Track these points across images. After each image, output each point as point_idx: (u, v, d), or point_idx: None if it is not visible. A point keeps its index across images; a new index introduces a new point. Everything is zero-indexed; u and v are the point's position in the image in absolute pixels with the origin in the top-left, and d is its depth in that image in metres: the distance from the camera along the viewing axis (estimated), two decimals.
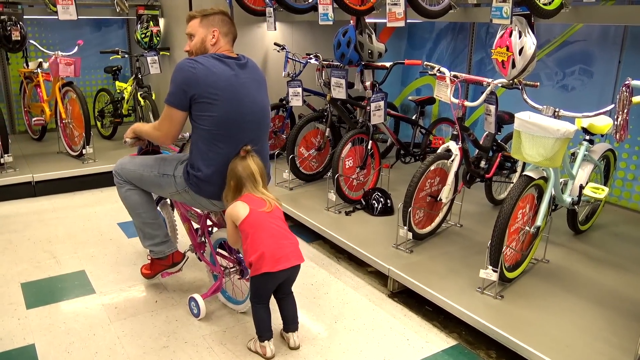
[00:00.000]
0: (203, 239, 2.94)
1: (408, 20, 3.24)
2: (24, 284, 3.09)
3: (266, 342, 2.49)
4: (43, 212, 4.17)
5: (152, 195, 2.90)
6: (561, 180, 3.14)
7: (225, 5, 4.98)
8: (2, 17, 4.59)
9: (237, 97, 2.53)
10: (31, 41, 4.97)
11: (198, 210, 2.94)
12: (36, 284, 3.10)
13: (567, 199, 3.15)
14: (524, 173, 2.77)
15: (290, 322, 2.57)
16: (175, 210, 3.15)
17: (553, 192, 2.88)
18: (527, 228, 2.88)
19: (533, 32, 2.77)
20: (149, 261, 3.03)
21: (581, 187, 3.13)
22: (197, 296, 2.79)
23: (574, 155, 3.30)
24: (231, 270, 2.82)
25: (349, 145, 3.86)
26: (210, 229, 2.96)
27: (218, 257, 2.85)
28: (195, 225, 2.97)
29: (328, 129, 4.37)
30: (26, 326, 2.69)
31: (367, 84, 4.00)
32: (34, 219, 4.02)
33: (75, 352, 2.50)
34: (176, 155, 2.85)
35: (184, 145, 3.13)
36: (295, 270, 2.46)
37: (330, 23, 3.85)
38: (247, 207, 2.39)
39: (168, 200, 3.19)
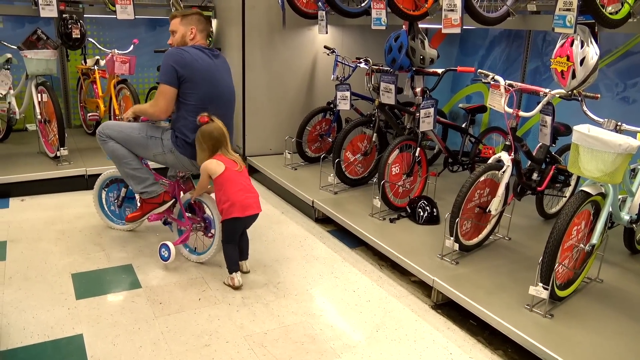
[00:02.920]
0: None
1: (463, 27, 3.18)
2: (74, 274, 3.19)
3: (234, 274, 3.09)
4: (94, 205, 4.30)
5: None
6: (619, 196, 3.00)
7: (277, 8, 5.03)
8: (64, 15, 4.76)
9: (215, 80, 3.20)
10: (90, 39, 5.14)
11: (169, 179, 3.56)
12: (86, 275, 3.20)
13: (625, 216, 3.01)
14: (581, 188, 2.66)
15: (243, 253, 3.23)
16: None
17: (610, 209, 2.75)
18: (581, 245, 2.76)
19: (596, 42, 2.66)
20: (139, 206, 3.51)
21: None
22: (169, 242, 3.26)
23: (634, 172, 3.15)
24: (197, 226, 3.36)
25: (396, 152, 3.81)
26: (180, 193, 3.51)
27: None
28: None
29: (375, 134, 4.33)
30: (75, 316, 2.77)
31: (418, 90, 3.95)
32: (86, 212, 4.15)
33: (121, 344, 2.55)
34: (159, 125, 3.37)
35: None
36: (255, 217, 3.10)
37: (384, 28, 3.82)
38: (222, 165, 2.99)
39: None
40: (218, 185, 3.00)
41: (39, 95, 4.62)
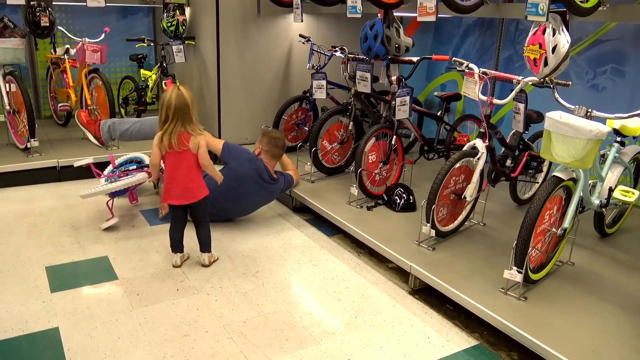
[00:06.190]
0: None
1: (438, 15, 3.20)
2: (48, 267, 3.14)
3: (174, 254, 3.22)
4: (67, 197, 4.22)
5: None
6: (590, 182, 3.07)
7: None
8: (32, 2, 4.63)
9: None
10: (59, 27, 5.01)
11: None
12: (60, 268, 3.15)
13: (595, 201, 3.08)
14: (553, 174, 2.72)
15: (202, 245, 3.24)
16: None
17: (581, 194, 2.82)
18: (553, 229, 2.83)
19: (567, 30, 2.71)
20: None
21: (610, 190, 3.07)
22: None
23: (603, 157, 3.24)
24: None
25: (372, 140, 3.83)
26: None
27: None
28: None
29: (351, 123, 4.34)
30: (50, 309, 2.73)
31: (393, 78, 3.96)
32: (59, 204, 4.07)
33: (98, 337, 2.53)
34: None
35: None
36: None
37: (359, 16, 3.83)
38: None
39: None
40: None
41: (7, 85, 4.49)
